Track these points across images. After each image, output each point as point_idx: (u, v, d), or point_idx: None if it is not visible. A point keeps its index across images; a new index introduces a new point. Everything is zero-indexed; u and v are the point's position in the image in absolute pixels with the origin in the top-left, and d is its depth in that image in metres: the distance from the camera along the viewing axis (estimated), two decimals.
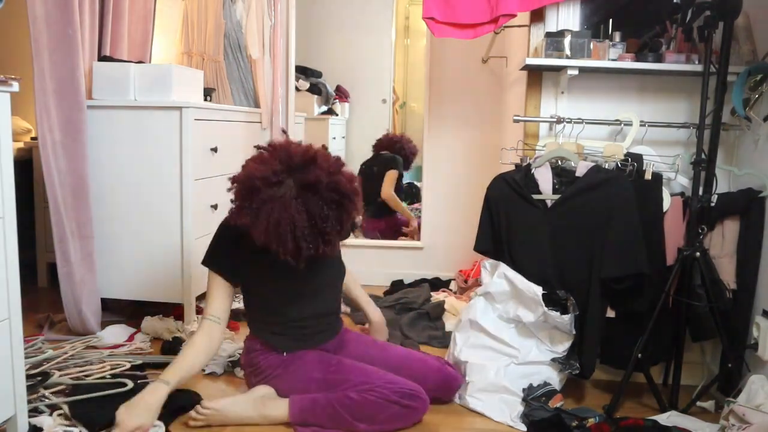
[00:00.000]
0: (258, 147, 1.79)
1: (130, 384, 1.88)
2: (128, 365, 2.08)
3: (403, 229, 4.03)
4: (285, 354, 1.88)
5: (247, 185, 1.67)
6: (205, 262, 1.90)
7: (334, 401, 1.75)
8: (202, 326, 1.84)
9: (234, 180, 1.72)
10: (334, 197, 1.68)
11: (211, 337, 1.83)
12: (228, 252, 1.85)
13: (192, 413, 1.78)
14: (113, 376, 1.99)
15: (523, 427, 1.85)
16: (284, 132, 1.82)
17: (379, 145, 4.36)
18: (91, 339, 2.33)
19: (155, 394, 1.67)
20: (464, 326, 2.10)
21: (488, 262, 2.16)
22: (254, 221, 1.64)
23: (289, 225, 1.62)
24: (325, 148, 1.83)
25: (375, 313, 2.30)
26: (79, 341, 2.28)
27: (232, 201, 1.74)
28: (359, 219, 1.79)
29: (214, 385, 2.11)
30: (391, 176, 4.10)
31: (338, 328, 2.04)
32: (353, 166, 4.16)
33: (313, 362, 1.86)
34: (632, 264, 1.94)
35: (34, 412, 1.73)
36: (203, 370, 2.14)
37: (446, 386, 1.96)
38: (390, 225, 4.03)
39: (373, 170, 4.18)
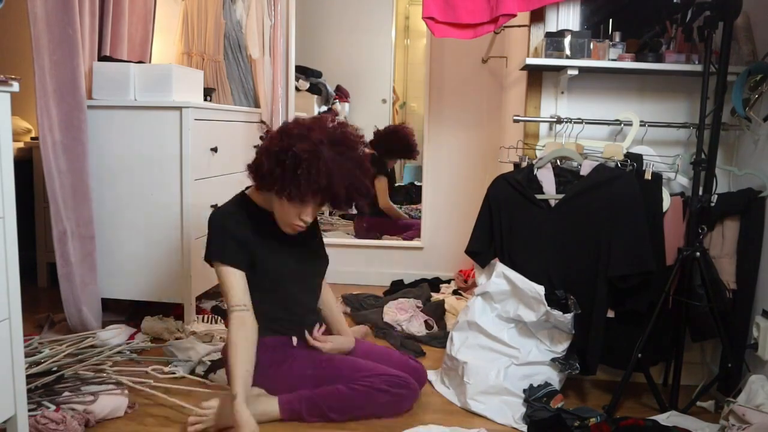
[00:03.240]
0: (281, 127, 1.84)
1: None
2: None
3: (404, 234, 3.90)
4: (295, 340, 1.92)
5: (307, 151, 1.70)
6: (210, 257, 1.84)
7: (323, 396, 1.82)
8: (232, 321, 1.77)
9: (276, 152, 1.73)
10: (362, 155, 1.83)
11: (246, 327, 1.77)
12: (232, 243, 1.82)
13: (190, 419, 1.77)
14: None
15: (526, 429, 1.85)
16: (263, 123, 1.86)
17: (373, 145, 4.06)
18: (89, 337, 2.33)
19: (240, 413, 1.62)
20: (462, 326, 2.10)
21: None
22: (329, 182, 1.72)
23: (360, 175, 1.79)
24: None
25: (352, 332, 2.20)
26: (77, 339, 2.28)
27: (263, 176, 1.76)
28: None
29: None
30: (380, 185, 3.92)
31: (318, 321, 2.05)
32: None
33: (303, 360, 1.89)
34: (640, 262, 1.94)
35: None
36: (173, 372, 2.13)
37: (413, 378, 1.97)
38: (390, 224, 3.98)
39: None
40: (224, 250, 1.81)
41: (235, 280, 1.80)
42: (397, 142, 4.04)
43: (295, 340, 1.92)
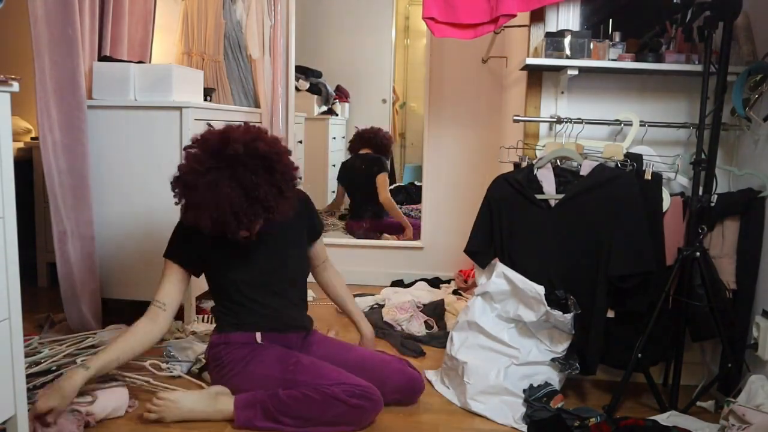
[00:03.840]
0: (184, 148, 1.84)
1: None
2: None
3: (397, 236, 3.92)
4: (259, 336, 1.89)
5: (182, 183, 1.75)
6: (164, 254, 1.93)
7: (279, 401, 1.76)
8: (146, 314, 1.85)
9: (172, 184, 1.80)
10: (258, 163, 1.73)
11: (155, 323, 1.84)
12: (183, 243, 1.90)
13: (148, 405, 1.81)
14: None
15: (526, 429, 1.85)
16: (209, 125, 1.87)
17: (356, 145, 4.22)
18: (89, 337, 2.33)
19: (71, 379, 1.67)
20: (462, 326, 2.10)
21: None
22: (197, 214, 1.72)
23: (227, 205, 1.69)
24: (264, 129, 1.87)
25: (367, 329, 2.24)
26: (76, 339, 2.28)
27: (176, 203, 1.82)
28: (299, 173, 1.89)
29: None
30: (383, 181, 4.00)
31: (307, 324, 2.05)
32: None
33: (273, 361, 1.86)
34: (640, 262, 1.94)
35: None
36: (170, 371, 2.13)
37: (409, 388, 1.95)
38: (372, 227, 3.99)
39: (354, 170, 4.10)
40: (172, 249, 1.92)
41: (168, 278, 1.89)
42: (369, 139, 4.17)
43: (259, 336, 1.89)
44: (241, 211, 1.71)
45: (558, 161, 2.13)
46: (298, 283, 2.05)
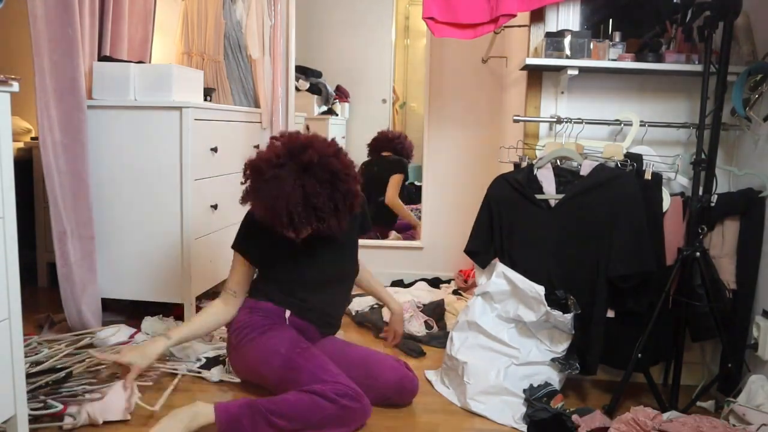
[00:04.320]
0: (271, 137, 1.95)
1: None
2: None
3: (404, 234, 3.92)
4: (288, 314, 1.99)
5: (254, 167, 1.87)
6: (233, 245, 2.06)
7: (268, 402, 1.70)
8: (220, 297, 2.05)
9: (246, 165, 1.91)
10: (326, 176, 1.84)
11: (226, 306, 2.02)
12: (249, 237, 2.03)
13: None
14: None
15: (526, 429, 1.85)
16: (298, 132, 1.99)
17: (377, 145, 4.23)
18: (86, 336, 2.33)
19: (154, 344, 1.90)
20: (462, 326, 2.10)
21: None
22: (257, 198, 1.86)
23: (285, 200, 1.79)
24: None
25: (396, 305, 2.45)
26: (74, 339, 2.28)
27: (242, 183, 1.91)
28: (362, 202, 1.99)
29: (214, 388, 2.11)
30: (396, 181, 4.01)
31: (336, 329, 2.18)
32: None
33: (286, 338, 1.92)
34: (640, 262, 1.94)
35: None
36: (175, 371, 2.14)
37: (400, 386, 1.93)
38: (391, 227, 3.99)
39: (374, 172, 4.09)
40: (239, 240, 2.05)
41: (237, 267, 2.04)
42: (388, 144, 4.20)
43: (288, 313, 1.99)
44: (295, 212, 1.80)
45: (558, 161, 2.13)
46: (346, 283, 2.16)
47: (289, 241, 1.89)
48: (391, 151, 4.18)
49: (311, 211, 1.83)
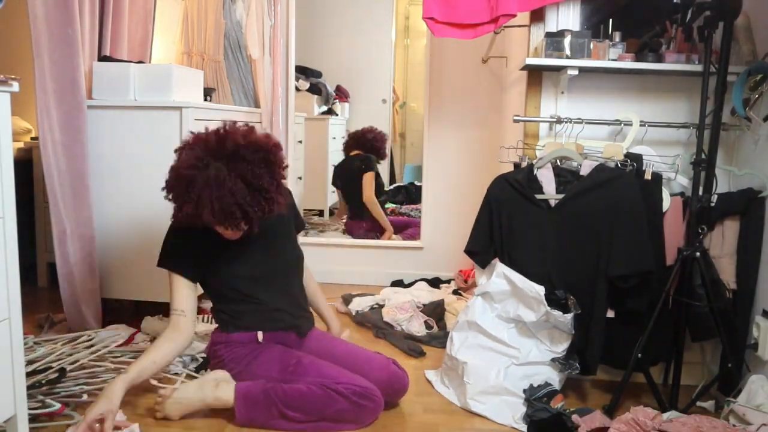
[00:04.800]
0: (175, 150, 1.84)
1: None
2: None
3: (404, 233, 3.91)
4: (261, 335, 1.91)
5: (181, 179, 1.74)
6: (160, 264, 1.93)
7: (282, 392, 1.77)
8: (169, 322, 1.89)
9: (166, 183, 1.79)
10: (259, 155, 1.75)
11: (178, 331, 1.87)
12: (177, 249, 1.91)
13: (154, 405, 1.84)
14: None
15: (526, 429, 1.85)
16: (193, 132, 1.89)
17: (349, 146, 4.24)
18: (83, 336, 2.32)
19: (112, 386, 1.70)
20: (462, 326, 2.10)
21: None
22: (198, 208, 1.71)
23: (231, 198, 1.69)
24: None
25: (335, 326, 2.29)
26: (72, 338, 2.28)
27: (169, 200, 1.80)
28: (287, 169, 1.91)
29: None
30: (369, 179, 3.99)
31: (308, 327, 2.05)
32: None
33: (273, 361, 1.88)
34: (640, 262, 1.94)
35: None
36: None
37: (389, 385, 1.91)
38: (372, 227, 3.99)
39: (348, 173, 4.09)
40: (170, 258, 1.92)
41: (177, 286, 1.90)
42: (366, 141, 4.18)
43: (260, 335, 1.92)
44: (246, 203, 1.72)
45: (558, 161, 2.13)
46: (296, 276, 2.07)
47: (221, 245, 1.85)
48: (361, 149, 4.16)
49: (258, 196, 1.75)
